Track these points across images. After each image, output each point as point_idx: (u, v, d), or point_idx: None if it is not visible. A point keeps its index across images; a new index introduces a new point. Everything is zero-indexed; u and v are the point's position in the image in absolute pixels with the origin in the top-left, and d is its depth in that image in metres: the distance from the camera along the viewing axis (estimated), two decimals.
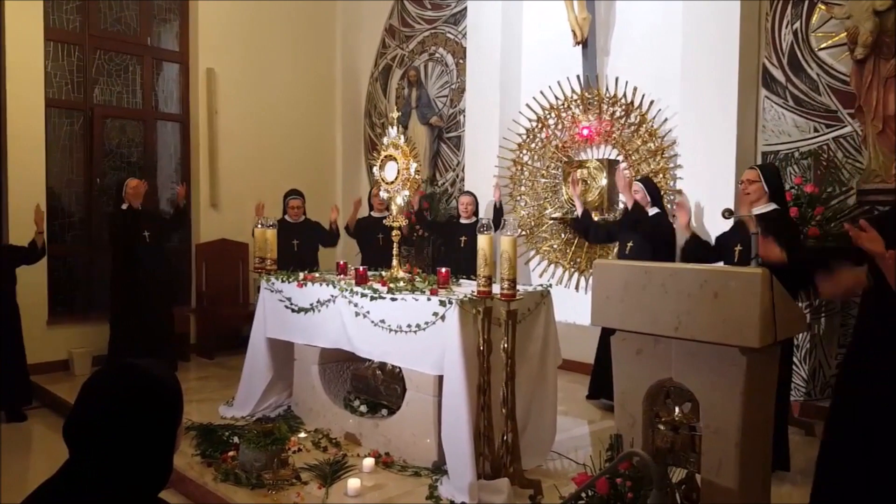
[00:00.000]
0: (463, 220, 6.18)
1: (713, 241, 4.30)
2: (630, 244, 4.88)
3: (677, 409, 2.58)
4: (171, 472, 1.39)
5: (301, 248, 6.07)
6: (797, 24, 4.98)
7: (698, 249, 4.23)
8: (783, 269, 3.03)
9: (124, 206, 5.74)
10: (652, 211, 4.89)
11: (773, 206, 3.84)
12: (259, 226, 4.60)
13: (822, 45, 4.88)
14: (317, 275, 4.61)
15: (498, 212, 6.18)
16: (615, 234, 5.24)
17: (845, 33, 4.62)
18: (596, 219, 5.71)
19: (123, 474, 1.29)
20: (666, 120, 5.60)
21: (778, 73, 5.08)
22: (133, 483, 1.31)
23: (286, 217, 6.15)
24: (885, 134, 4.46)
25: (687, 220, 4.52)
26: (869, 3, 4.46)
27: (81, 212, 6.51)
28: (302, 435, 4.24)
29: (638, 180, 5.03)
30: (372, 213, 6.49)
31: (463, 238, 6.03)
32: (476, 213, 6.16)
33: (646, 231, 4.80)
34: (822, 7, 4.86)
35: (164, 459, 1.37)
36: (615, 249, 5.82)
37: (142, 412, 1.31)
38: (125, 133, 6.80)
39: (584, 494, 2.53)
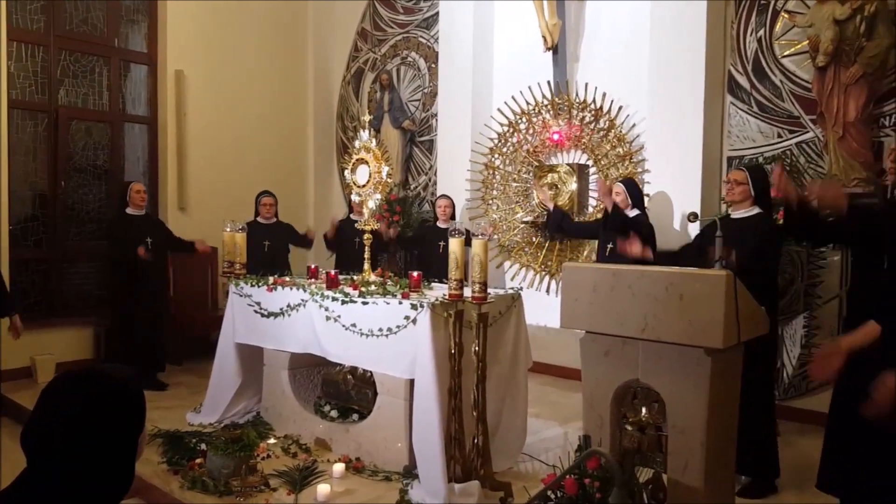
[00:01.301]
0: (441, 224, 6.10)
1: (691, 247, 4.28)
2: (610, 246, 4.92)
3: (644, 410, 2.62)
4: (132, 479, 1.37)
5: (272, 248, 6.01)
6: (761, 32, 5.10)
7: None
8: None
9: (128, 211, 5.68)
10: (632, 213, 4.93)
11: (756, 210, 3.75)
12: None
13: (786, 53, 5.00)
14: (287, 279, 4.57)
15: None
16: (596, 232, 5.26)
17: (807, 41, 4.73)
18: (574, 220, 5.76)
19: (82, 483, 1.26)
20: (634, 125, 5.67)
21: (743, 80, 5.19)
22: (92, 492, 1.28)
23: (258, 219, 6.10)
24: (846, 139, 4.57)
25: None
26: (829, 13, 4.57)
27: (45, 215, 6.37)
28: (271, 441, 4.20)
29: (620, 182, 5.05)
30: (352, 216, 6.42)
31: (441, 243, 5.92)
32: (454, 216, 6.12)
33: (627, 233, 4.83)
34: (785, 16, 4.98)
35: (125, 467, 1.34)
36: (591, 253, 5.87)
37: (102, 418, 1.28)
38: (91, 135, 6.67)
39: (553, 496, 2.54)
